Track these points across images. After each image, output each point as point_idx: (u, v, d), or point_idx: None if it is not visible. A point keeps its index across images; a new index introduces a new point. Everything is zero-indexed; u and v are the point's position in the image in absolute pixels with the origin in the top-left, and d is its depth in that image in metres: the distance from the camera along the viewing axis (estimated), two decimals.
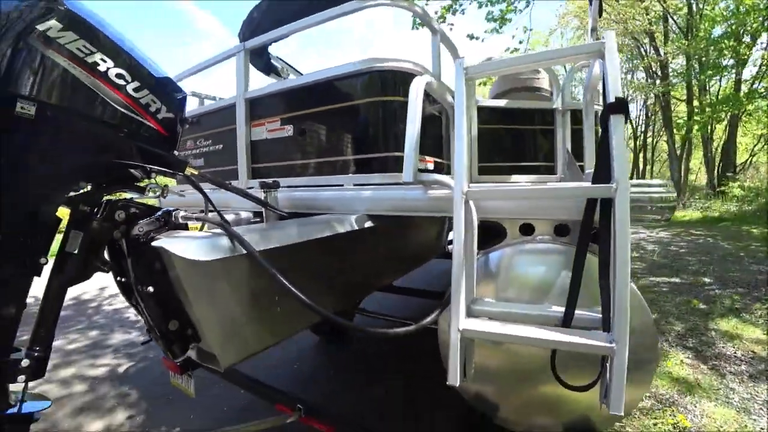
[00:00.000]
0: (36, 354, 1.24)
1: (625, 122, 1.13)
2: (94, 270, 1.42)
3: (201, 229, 1.80)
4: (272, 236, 1.45)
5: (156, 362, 3.66)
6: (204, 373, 2.09)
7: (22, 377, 1.20)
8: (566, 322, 1.13)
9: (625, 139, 1.06)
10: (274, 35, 2.14)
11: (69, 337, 4.53)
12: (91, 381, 3.50)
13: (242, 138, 2.21)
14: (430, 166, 2.03)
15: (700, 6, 13.28)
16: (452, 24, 8.41)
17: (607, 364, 1.06)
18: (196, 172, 1.50)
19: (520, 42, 8.57)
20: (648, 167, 26.20)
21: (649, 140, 26.44)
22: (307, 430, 2.06)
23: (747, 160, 19.63)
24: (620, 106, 1.06)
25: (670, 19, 14.53)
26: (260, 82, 2.61)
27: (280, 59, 3.41)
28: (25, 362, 1.21)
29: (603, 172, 1.10)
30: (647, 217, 1.28)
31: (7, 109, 1.09)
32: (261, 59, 3.12)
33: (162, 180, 1.69)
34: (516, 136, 2.72)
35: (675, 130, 15.41)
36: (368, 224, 1.72)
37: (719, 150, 17.04)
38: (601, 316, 1.12)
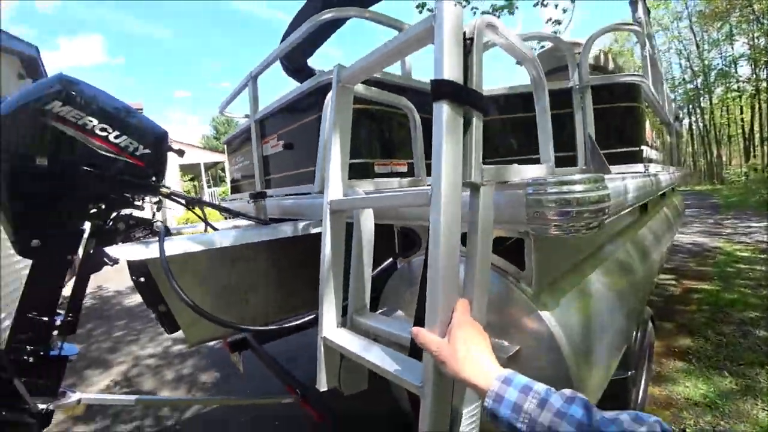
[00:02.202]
0: (69, 318, 1.66)
1: (466, 117, 0.86)
2: (105, 264, 1.71)
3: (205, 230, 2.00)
4: (208, 243, 1.50)
5: None
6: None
7: (57, 332, 1.64)
8: (413, 350, 0.91)
9: (445, 133, 0.80)
10: (267, 61, 2.20)
11: None
12: (183, 356, 4.19)
13: (255, 153, 2.33)
14: (401, 169, 1.85)
15: None
16: (476, 8, 6.76)
17: None
18: (167, 192, 1.67)
19: (564, 11, 6.72)
20: None
21: None
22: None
23: None
24: (442, 91, 0.81)
25: None
26: None
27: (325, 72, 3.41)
28: (59, 321, 1.64)
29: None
30: (543, 226, 0.95)
31: (32, 162, 1.44)
32: (303, 76, 3.19)
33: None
34: (526, 125, 2.28)
35: None
36: (316, 230, 1.66)
37: None
38: None
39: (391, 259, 1.41)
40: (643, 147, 2.18)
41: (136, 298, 7.08)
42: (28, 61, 6.16)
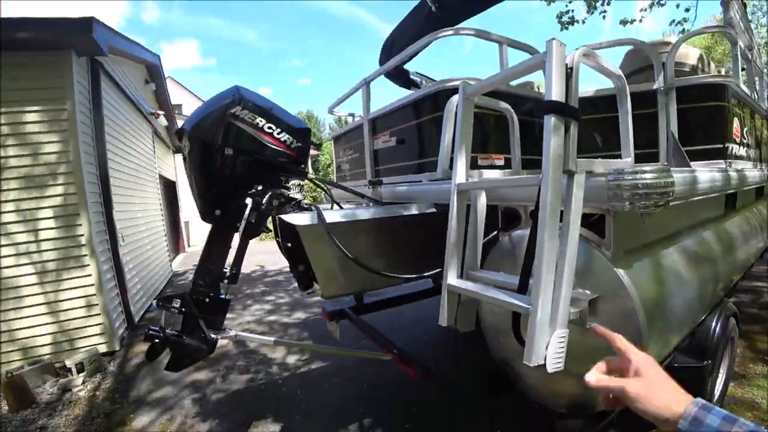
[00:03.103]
0: (233, 271, 2.27)
1: (566, 124, 1.26)
2: (262, 231, 2.30)
3: (331, 208, 2.52)
4: (350, 216, 2.03)
5: None
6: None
7: (226, 281, 2.25)
8: (520, 288, 1.34)
9: (552, 136, 1.20)
10: (382, 71, 2.70)
11: (278, 301, 6.27)
12: (284, 326, 4.99)
13: (367, 148, 2.85)
14: (499, 163, 2.25)
15: None
16: (605, 11, 7.34)
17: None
18: (314, 177, 2.23)
19: (687, 10, 6.76)
20: None
21: None
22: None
23: None
24: (551, 108, 1.21)
25: None
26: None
27: (419, 73, 3.87)
28: (227, 273, 2.26)
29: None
30: (620, 204, 1.31)
31: (222, 151, 2.02)
32: (400, 79, 3.69)
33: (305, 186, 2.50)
34: (611, 124, 2.53)
35: None
36: (430, 210, 2.13)
37: None
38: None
39: (495, 232, 1.84)
40: (728, 144, 2.37)
41: None
42: (152, 68, 7.38)
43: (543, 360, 1.23)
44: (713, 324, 2.29)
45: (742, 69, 3.15)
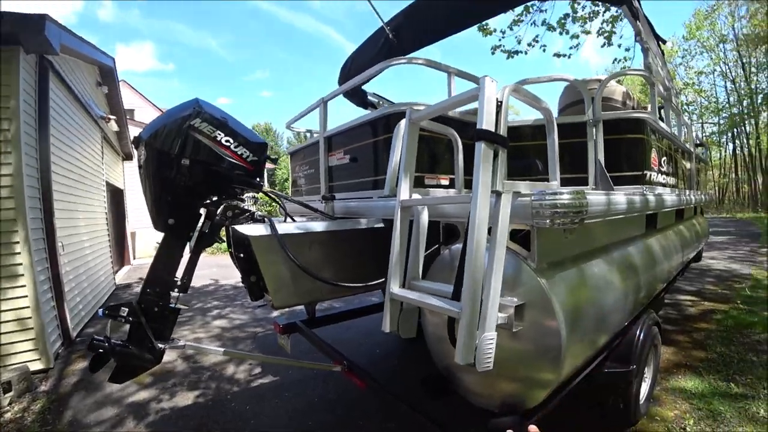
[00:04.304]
0: (184, 280, 2.25)
1: (495, 151, 1.44)
2: (215, 241, 2.33)
3: (284, 220, 2.60)
4: (302, 228, 2.13)
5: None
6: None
7: (176, 290, 2.21)
8: (454, 295, 1.49)
9: (482, 160, 1.38)
10: (339, 91, 2.86)
11: (231, 317, 6.21)
12: (235, 340, 4.98)
13: (322, 164, 2.97)
14: (445, 182, 2.44)
15: None
16: (545, 45, 8.27)
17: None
18: (269, 191, 2.31)
19: (627, 50, 7.77)
20: None
21: None
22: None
23: None
24: (482, 136, 1.39)
25: None
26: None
27: (376, 94, 4.06)
28: (178, 282, 2.23)
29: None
30: (542, 221, 1.51)
31: (179, 162, 2.04)
32: (357, 98, 3.86)
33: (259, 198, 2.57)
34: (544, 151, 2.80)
35: None
36: (378, 225, 2.27)
37: None
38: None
39: (436, 246, 1.99)
40: (646, 172, 2.69)
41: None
42: (105, 70, 7.15)
43: (472, 360, 1.38)
44: (637, 332, 2.56)
45: (661, 107, 3.59)
